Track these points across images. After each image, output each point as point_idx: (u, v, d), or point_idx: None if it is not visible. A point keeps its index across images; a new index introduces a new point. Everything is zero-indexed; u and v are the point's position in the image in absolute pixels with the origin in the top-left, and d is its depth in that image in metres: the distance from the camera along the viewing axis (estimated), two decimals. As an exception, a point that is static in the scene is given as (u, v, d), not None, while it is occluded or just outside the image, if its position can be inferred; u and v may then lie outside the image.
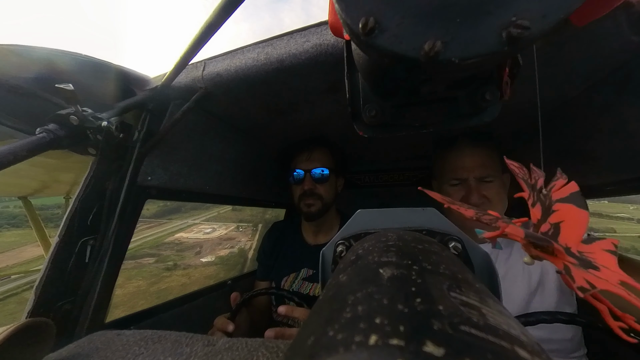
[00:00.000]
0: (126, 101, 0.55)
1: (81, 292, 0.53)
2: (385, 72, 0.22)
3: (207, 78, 0.57)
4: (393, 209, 0.27)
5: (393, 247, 0.16)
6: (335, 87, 0.56)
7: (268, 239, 1.03)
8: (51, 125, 0.42)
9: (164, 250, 31.52)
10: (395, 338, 0.08)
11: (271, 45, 0.50)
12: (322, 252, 0.27)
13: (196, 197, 0.81)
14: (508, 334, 0.09)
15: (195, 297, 0.89)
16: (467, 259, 0.22)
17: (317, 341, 0.09)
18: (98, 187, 0.56)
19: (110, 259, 0.56)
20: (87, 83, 0.53)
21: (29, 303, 0.47)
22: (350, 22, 0.14)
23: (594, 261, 0.13)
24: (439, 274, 0.13)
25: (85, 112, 0.45)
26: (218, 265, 23.36)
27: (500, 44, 0.13)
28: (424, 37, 0.13)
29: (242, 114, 0.73)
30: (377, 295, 0.11)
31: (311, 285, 0.86)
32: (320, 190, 0.89)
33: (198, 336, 0.33)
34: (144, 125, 0.60)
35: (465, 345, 0.08)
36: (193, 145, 0.73)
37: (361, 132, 0.28)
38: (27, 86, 0.47)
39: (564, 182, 0.19)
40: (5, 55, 0.45)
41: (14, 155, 0.37)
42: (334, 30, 0.26)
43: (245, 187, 1.00)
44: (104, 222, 0.56)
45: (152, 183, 0.63)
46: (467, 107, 0.24)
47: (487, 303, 0.11)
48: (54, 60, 0.49)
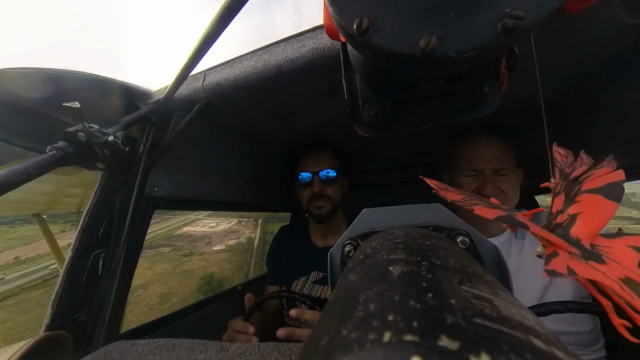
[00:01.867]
0: (131, 115, 0.56)
1: (96, 304, 0.54)
2: (383, 71, 0.22)
3: (207, 88, 0.58)
4: (398, 206, 0.26)
5: (401, 244, 0.16)
6: (333, 89, 0.56)
7: (277, 243, 1.03)
8: (60, 143, 0.44)
9: (177, 241, 34.41)
10: (409, 334, 0.08)
11: (268, 52, 0.51)
12: (330, 253, 0.27)
13: (203, 205, 0.82)
14: (522, 324, 0.09)
15: (207, 304, 0.90)
16: (475, 253, 0.22)
17: (331, 341, 0.09)
18: (107, 200, 0.57)
19: (122, 271, 0.57)
20: (93, 100, 0.55)
21: (47, 317, 0.48)
22: (344, 24, 0.14)
23: (606, 255, 0.13)
24: (448, 269, 0.13)
25: (92, 128, 0.46)
26: (229, 252, 26.37)
27: (496, 35, 0.13)
28: (419, 33, 0.13)
29: (244, 121, 0.74)
30: (388, 292, 0.11)
31: (322, 288, 0.86)
32: (329, 191, 0.89)
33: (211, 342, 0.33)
34: (148, 137, 0.61)
35: (479, 337, 0.08)
36: (197, 155, 0.74)
37: (362, 132, 0.28)
38: (37, 106, 0.49)
39: (608, 170, 0.18)
40: (15, 78, 0.47)
41: (26, 174, 0.38)
42: (329, 34, 0.26)
43: (250, 192, 1.01)
44: (114, 235, 0.57)
45: (159, 194, 0.64)
46: (466, 101, 0.24)
47: (498, 295, 0.11)
48: (61, 80, 0.51)
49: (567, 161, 0.21)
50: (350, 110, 0.27)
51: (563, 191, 0.18)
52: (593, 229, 0.14)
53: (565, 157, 0.22)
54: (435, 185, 0.22)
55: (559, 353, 0.08)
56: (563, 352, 0.08)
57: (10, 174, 0.36)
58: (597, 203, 0.15)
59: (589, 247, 0.13)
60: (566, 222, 0.16)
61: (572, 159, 0.21)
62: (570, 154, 0.22)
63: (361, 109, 0.26)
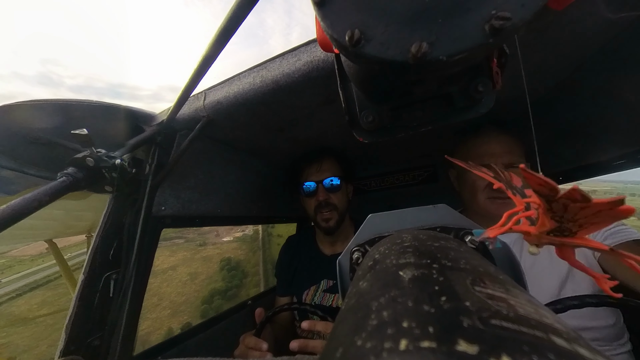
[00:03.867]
0: (136, 138, 0.58)
1: (108, 326, 0.54)
2: (377, 78, 0.22)
3: (208, 107, 0.60)
4: (403, 209, 0.26)
5: (409, 247, 0.16)
6: (330, 98, 0.57)
7: (284, 254, 1.02)
8: (70, 169, 0.45)
9: (187, 234, 37.93)
10: (425, 340, 0.08)
11: (265, 68, 0.52)
12: (339, 261, 0.27)
13: (209, 221, 0.83)
14: (541, 322, 0.08)
15: (218, 321, 0.89)
16: (486, 252, 0.22)
17: (345, 352, 0.09)
18: (116, 222, 0.58)
19: (133, 291, 0.57)
20: (100, 126, 0.57)
21: (61, 341, 0.49)
22: (337, 37, 0.15)
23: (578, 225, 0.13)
24: (460, 270, 0.12)
25: (100, 153, 0.48)
26: (238, 242, 30.44)
27: (485, 36, 0.13)
28: (410, 40, 0.14)
29: (245, 135, 0.75)
30: (400, 298, 0.10)
31: (333, 296, 0.85)
32: (334, 199, 0.89)
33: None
34: (154, 158, 0.63)
35: (498, 339, 0.07)
36: (202, 172, 0.75)
37: (361, 139, 0.28)
38: (47, 136, 0.51)
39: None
40: (27, 111, 0.49)
41: (38, 201, 0.39)
42: (323, 46, 0.27)
43: (254, 206, 1.02)
44: (124, 256, 0.58)
45: (166, 212, 0.65)
46: (462, 101, 0.25)
47: (513, 294, 0.11)
48: (69, 109, 0.54)
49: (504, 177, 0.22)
50: (348, 118, 0.28)
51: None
52: None
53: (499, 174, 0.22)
54: (463, 164, 0.22)
55: (582, 351, 0.08)
56: (587, 349, 0.08)
57: (23, 203, 0.38)
58: None
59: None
60: None
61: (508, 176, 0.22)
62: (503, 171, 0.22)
63: (359, 116, 0.27)
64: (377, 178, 1.38)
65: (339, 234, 0.93)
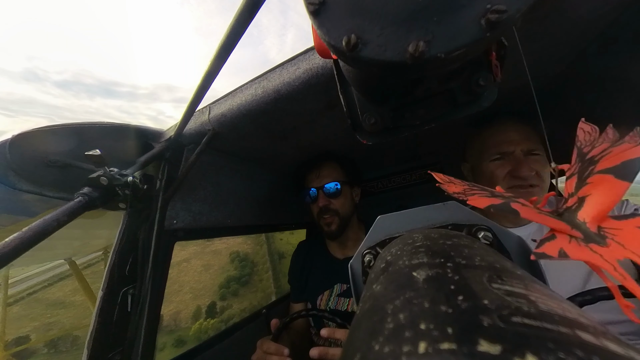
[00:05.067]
0: (146, 155, 0.60)
1: (128, 341, 0.55)
2: (376, 81, 0.22)
3: (213, 120, 0.61)
4: (413, 209, 0.26)
5: (421, 247, 0.16)
6: (331, 104, 0.58)
7: (296, 260, 1.02)
8: (85, 189, 0.47)
9: None
10: (445, 342, 0.07)
11: (266, 78, 0.54)
12: (350, 264, 0.27)
13: (220, 232, 0.84)
14: (565, 317, 0.08)
15: (234, 331, 0.90)
16: (500, 247, 0.21)
17: (363, 358, 0.09)
18: (131, 237, 0.60)
19: (150, 305, 0.58)
20: (111, 145, 0.59)
21: (83, 358, 0.50)
22: (334, 43, 0.15)
23: (612, 237, 0.12)
24: (475, 267, 0.12)
25: (113, 172, 0.49)
26: (242, 237, 30.19)
27: (481, 31, 0.13)
28: (406, 40, 0.14)
29: (250, 146, 0.76)
30: (416, 299, 0.10)
31: (347, 300, 0.84)
32: (336, 204, 0.88)
33: None
34: (164, 173, 0.64)
35: (521, 337, 0.07)
36: (210, 184, 0.77)
37: (364, 141, 0.28)
38: (63, 159, 0.53)
39: (629, 146, 0.16)
40: (43, 136, 0.52)
41: (57, 221, 0.41)
42: (321, 53, 0.27)
43: (263, 214, 1.02)
44: (140, 270, 0.59)
45: (178, 226, 0.66)
46: (464, 97, 0.24)
47: (533, 289, 0.10)
48: (82, 131, 0.56)
49: (591, 138, 0.20)
50: (350, 122, 0.28)
51: (576, 173, 0.18)
52: (601, 211, 0.13)
53: (589, 134, 0.20)
54: (440, 178, 0.21)
55: (611, 345, 0.07)
56: (616, 343, 0.07)
57: (43, 224, 0.39)
58: (608, 183, 0.14)
59: (595, 230, 0.13)
60: (575, 205, 0.15)
61: (596, 136, 0.20)
62: (596, 129, 0.20)
63: (361, 118, 0.27)
64: (384, 179, 1.37)
65: (347, 237, 0.93)
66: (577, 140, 0.20)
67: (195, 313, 16.60)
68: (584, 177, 0.16)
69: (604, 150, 0.18)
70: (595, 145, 0.19)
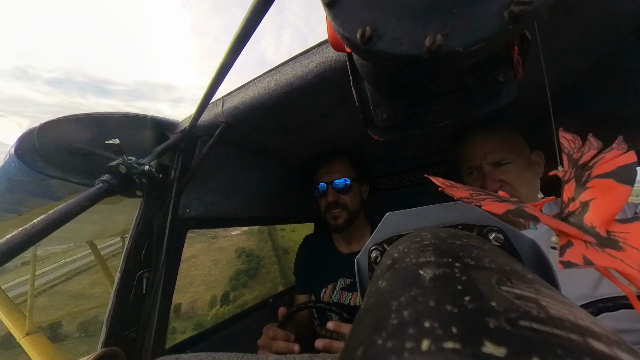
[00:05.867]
0: (162, 145, 0.62)
1: (142, 321, 0.58)
2: (390, 75, 0.22)
3: (226, 112, 0.62)
4: (422, 207, 0.26)
5: (429, 246, 0.16)
6: (344, 98, 0.57)
7: (302, 253, 1.04)
8: (105, 176, 0.49)
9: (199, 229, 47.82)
10: (449, 341, 0.07)
11: (279, 72, 0.54)
12: (357, 260, 0.26)
13: (230, 222, 0.87)
14: (576, 324, 0.08)
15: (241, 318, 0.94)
16: (512, 250, 0.21)
17: (366, 351, 0.09)
18: (147, 224, 0.62)
19: (164, 289, 0.61)
20: (130, 135, 0.62)
21: (102, 334, 0.53)
22: (348, 35, 0.15)
23: (623, 241, 0.11)
24: (484, 269, 0.12)
25: (130, 160, 0.52)
26: (247, 234, 34.14)
27: (504, 24, 0.12)
28: (423, 33, 0.13)
29: (262, 138, 0.77)
30: (421, 297, 0.10)
31: (350, 294, 0.84)
32: (345, 200, 0.89)
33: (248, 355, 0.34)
34: (178, 163, 0.67)
35: (528, 341, 0.07)
36: (222, 175, 0.79)
37: (376, 137, 0.27)
38: (86, 147, 0.56)
39: (618, 153, 0.16)
40: (67, 125, 0.54)
41: (80, 206, 0.43)
42: (334, 46, 0.26)
43: (273, 206, 1.04)
44: (154, 255, 0.62)
45: (191, 214, 0.69)
46: (481, 93, 0.23)
47: (544, 294, 0.10)
48: (103, 121, 0.58)
49: (575, 146, 0.20)
50: (362, 117, 0.27)
51: (573, 178, 0.17)
52: (607, 215, 0.13)
53: (572, 142, 0.20)
54: (440, 182, 0.21)
55: (624, 356, 0.07)
56: (629, 353, 0.07)
57: (67, 208, 0.42)
58: (609, 188, 0.14)
59: (605, 234, 0.12)
60: (579, 209, 0.14)
61: (579, 144, 0.20)
62: (578, 138, 0.21)
63: (373, 113, 0.26)
64: (394, 176, 1.35)
65: (353, 233, 0.93)
66: (563, 147, 0.20)
67: (211, 301, 17.49)
68: (582, 182, 0.16)
69: (594, 157, 0.18)
70: (583, 151, 0.19)
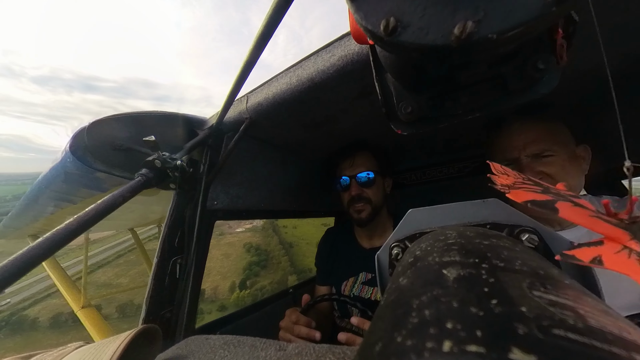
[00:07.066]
0: (192, 141, 0.66)
1: (176, 302, 0.64)
2: (416, 67, 0.21)
3: (250, 109, 0.64)
4: (447, 204, 0.24)
5: (454, 245, 0.15)
6: (366, 91, 0.56)
7: (323, 245, 1.05)
8: (143, 170, 0.54)
9: None
10: (472, 344, 0.07)
11: (301, 67, 0.54)
12: (377, 255, 0.26)
13: (254, 214, 0.90)
14: (620, 338, 0.07)
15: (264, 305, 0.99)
16: (547, 252, 0.19)
17: (385, 347, 0.09)
18: (179, 215, 0.68)
19: (194, 274, 0.66)
20: (164, 132, 0.66)
21: (142, 312, 0.59)
22: (371, 27, 0.14)
23: None
24: (514, 271, 0.11)
25: (165, 156, 0.56)
26: (250, 232, 35.89)
27: (546, 5, 0.11)
28: (452, 21, 0.13)
29: (285, 133, 0.79)
30: (444, 298, 0.10)
31: (371, 289, 0.84)
32: (368, 193, 0.88)
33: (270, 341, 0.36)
34: (207, 158, 0.71)
35: (563, 351, 0.06)
36: (247, 169, 0.82)
37: (399, 131, 0.26)
38: (126, 143, 0.61)
39: None
40: (111, 123, 0.60)
41: (122, 197, 0.48)
42: (357, 39, 0.26)
43: (295, 200, 1.06)
44: (186, 243, 0.67)
45: (218, 206, 0.73)
46: (517, 82, 0.21)
47: (584, 302, 0.09)
48: (141, 119, 0.63)
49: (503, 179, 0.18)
50: (385, 111, 0.26)
51: None
52: None
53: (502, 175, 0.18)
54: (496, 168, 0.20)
55: None
56: None
57: (112, 199, 0.46)
58: None
59: None
60: None
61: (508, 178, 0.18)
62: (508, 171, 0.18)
63: (397, 107, 0.25)
64: (418, 171, 1.29)
65: (375, 228, 0.92)
66: None
67: (230, 287, 18.86)
68: None
69: None
70: None
